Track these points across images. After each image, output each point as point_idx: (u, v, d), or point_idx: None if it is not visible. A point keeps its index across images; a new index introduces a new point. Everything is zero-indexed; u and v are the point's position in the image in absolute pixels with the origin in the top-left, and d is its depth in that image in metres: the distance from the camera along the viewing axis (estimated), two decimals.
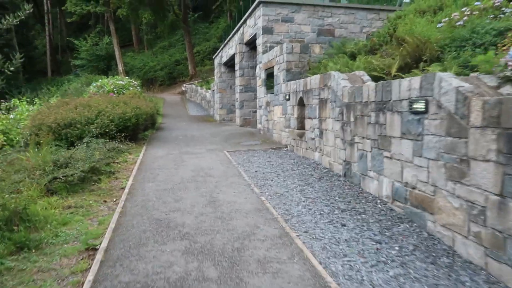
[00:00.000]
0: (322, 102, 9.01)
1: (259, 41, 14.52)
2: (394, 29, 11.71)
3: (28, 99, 28.95)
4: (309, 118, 9.90)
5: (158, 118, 24.08)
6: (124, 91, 25.59)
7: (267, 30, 14.09)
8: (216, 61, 24.27)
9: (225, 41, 21.26)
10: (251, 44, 16.86)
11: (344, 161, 7.83)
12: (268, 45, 14.09)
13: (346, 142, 7.70)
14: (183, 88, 38.98)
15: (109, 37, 41.87)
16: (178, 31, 48.82)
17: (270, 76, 13.38)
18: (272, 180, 7.92)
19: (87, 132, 11.18)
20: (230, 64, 22.21)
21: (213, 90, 26.06)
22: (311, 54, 12.32)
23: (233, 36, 19.15)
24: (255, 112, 17.45)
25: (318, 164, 9.25)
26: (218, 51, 23.80)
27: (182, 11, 39.20)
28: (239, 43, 17.24)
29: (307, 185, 7.49)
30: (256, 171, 8.72)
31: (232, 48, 19.53)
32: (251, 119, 17.45)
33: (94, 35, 43.17)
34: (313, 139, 9.69)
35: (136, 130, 13.05)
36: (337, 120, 8.12)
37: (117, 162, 9.99)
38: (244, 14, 16.92)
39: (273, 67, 12.85)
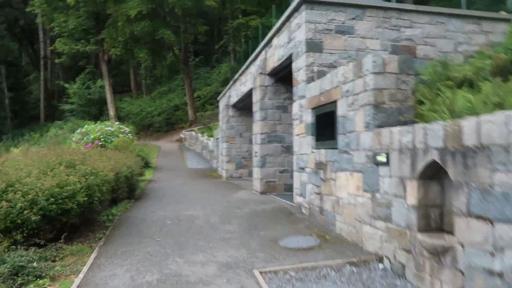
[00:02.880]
0: None
1: (298, 64, 8.65)
2: None
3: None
4: (476, 216, 3.78)
5: (147, 173, 18.02)
6: (113, 139, 19.94)
7: (314, 46, 8.25)
8: (222, 103, 18.43)
9: (236, 76, 15.47)
10: (279, 74, 11.00)
11: None
12: (315, 69, 8.21)
13: None
14: (181, 135, 33.09)
15: (102, 80, 36.31)
16: (177, 75, 43.67)
17: (324, 118, 7.39)
18: None
19: None
20: (241, 106, 16.33)
21: (218, 139, 20.13)
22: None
23: (248, 66, 13.35)
24: (283, 172, 11.35)
25: None
26: (225, 90, 18.04)
27: (183, 52, 33.96)
28: (260, 73, 11.38)
29: None
30: None
31: (246, 83, 13.69)
32: (277, 182, 11.30)
33: (84, 76, 37.60)
34: (499, 275, 3.53)
35: (88, 212, 6.82)
36: None
37: None
38: (263, 37, 11.22)
39: (334, 102, 6.87)
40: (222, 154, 17.55)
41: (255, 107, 11.75)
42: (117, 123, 24.39)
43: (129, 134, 21.78)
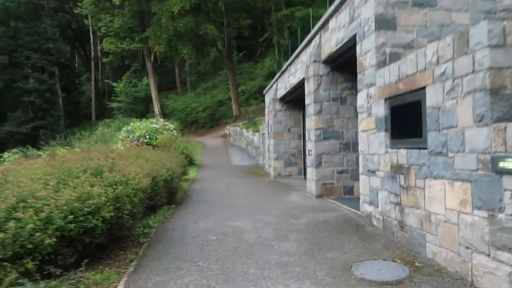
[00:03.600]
0: None
1: (365, 45, 7.02)
2: None
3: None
4: None
5: (191, 171, 16.99)
6: (158, 136, 19.27)
7: (385, 23, 6.59)
8: (269, 96, 17.00)
9: (283, 67, 13.96)
10: (336, 61, 9.39)
11: None
12: (388, 51, 6.56)
13: None
14: (226, 130, 32.08)
15: (147, 78, 35.96)
16: (221, 71, 42.76)
17: (404, 110, 5.76)
18: None
19: None
20: (289, 99, 14.83)
21: (263, 134, 18.77)
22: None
23: (298, 55, 11.79)
24: (342, 173, 9.75)
25: None
26: (272, 83, 16.58)
27: (226, 47, 32.83)
28: (314, 61, 9.80)
29: None
30: None
31: (296, 73, 12.16)
32: (334, 184, 9.72)
33: (130, 75, 37.41)
34: None
35: (117, 229, 5.61)
36: None
37: None
38: (313, 25, 9.65)
39: (421, 89, 5.22)
40: (270, 151, 16.15)
41: (308, 100, 10.20)
42: (161, 120, 23.81)
43: (173, 131, 21.07)
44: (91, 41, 51.21)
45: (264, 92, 18.90)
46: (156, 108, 33.75)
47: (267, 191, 11.52)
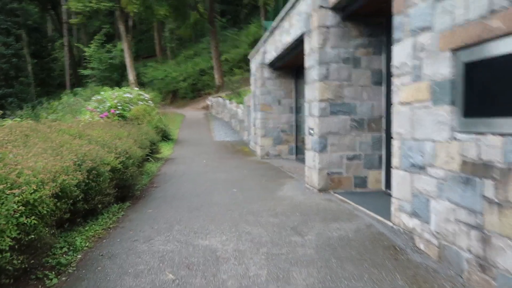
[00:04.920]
0: None
1: None
2: None
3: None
4: None
5: (165, 148, 14.47)
6: (131, 107, 16.72)
7: None
8: (255, 62, 14.31)
9: (274, 23, 11.15)
10: (351, 6, 6.71)
11: None
12: None
13: None
14: (208, 102, 29.33)
15: (121, 42, 32.53)
16: (204, 38, 39.47)
17: (496, 68, 3.26)
18: None
19: None
20: (281, 65, 12.16)
21: (249, 106, 16.22)
22: None
23: (295, 4, 8.99)
24: (353, 159, 7.32)
25: None
26: (258, 45, 13.82)
27: (209, 10, 29.55)
28: (320, 7, 7.15)
29: None
30: None
31: (291, 30, 9.45)
32: (343, 174, 7.29)
33: (100, 38, 33.77)
34: None
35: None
36: None
37: None
38: None
39: None
40: (256, 126, 13.63)
41: (310, 61, 7.59)
42: (136, 89, 21.20)
43: (149, 102, 18.55)
44: (63, 3, 46.73)
45: (249, 56, 16.17)
46: (131, 76, 30.55)
47: (255, 179, 9.07)
